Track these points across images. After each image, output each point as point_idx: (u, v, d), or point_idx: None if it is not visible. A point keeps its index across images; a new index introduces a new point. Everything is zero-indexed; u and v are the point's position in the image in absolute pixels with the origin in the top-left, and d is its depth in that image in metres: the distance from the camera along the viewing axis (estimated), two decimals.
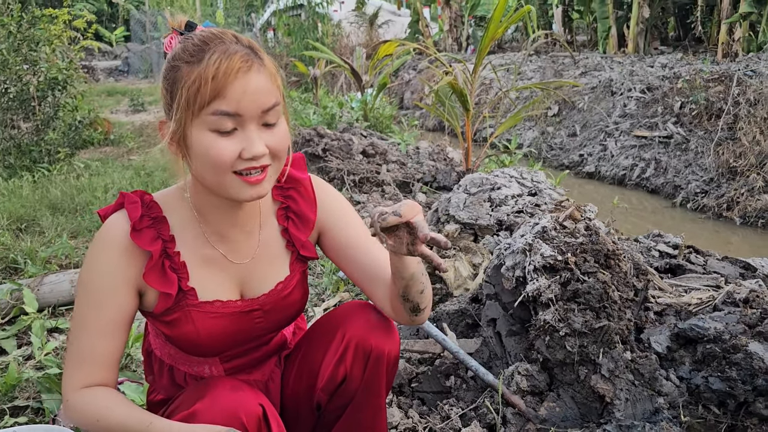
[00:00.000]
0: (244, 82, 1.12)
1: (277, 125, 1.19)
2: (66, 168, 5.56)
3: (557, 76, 10.67)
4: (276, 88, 1.18)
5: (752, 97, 6.92)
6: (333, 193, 1.46)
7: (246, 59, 1.13)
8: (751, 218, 6.05)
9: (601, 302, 1.96)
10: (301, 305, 1.44)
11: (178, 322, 1.28)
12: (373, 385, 1.40)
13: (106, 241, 1.24)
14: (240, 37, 1.18)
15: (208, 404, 1.22)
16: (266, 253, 1.36)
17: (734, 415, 1.84)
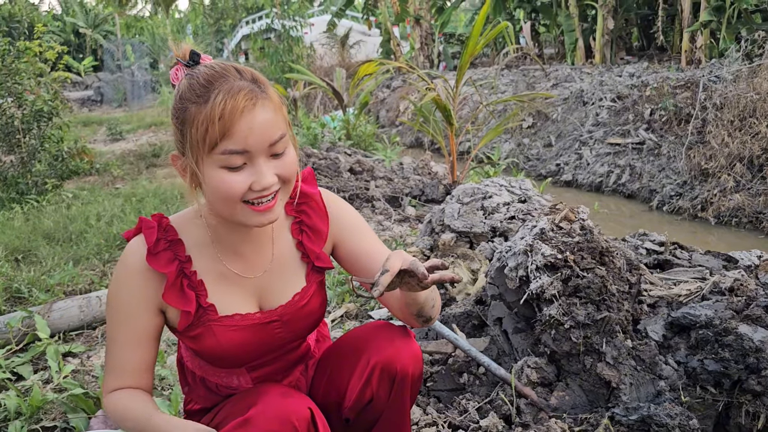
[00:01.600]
0: (249, 119, 1.17)
1: (285, 153, 1.24)
2: (55, 198, 5.59)
3: (529, 88, 10.96)
4: (281, 119, 1.23)
5: (718, 102, 7.21)
6: (344, 206, 1.52)
7: (250, 96, 1.18)
8: (725, 217, 6.29)
9: (600, 295, 2.10)
10: (319, 313, 1.50)
11: (201, 337, 1.37)
12: (398, 404, 1.47)
13: (125, 264, 1.36)
14: (243, 71, 1.23)
15: (261, 410, 1.29)
16: (282, 266, 1.43)
17: (729, 393, 1.98)
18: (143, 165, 7.61)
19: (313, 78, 7.16)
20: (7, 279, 3.56)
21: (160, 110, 13.20)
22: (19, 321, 2.88)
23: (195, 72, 1.23)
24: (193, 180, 1.26)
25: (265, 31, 15.67)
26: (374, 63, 5.53)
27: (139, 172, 7.15)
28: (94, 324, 3.15)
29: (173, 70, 1.28)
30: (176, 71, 1.27)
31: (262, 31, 14.94)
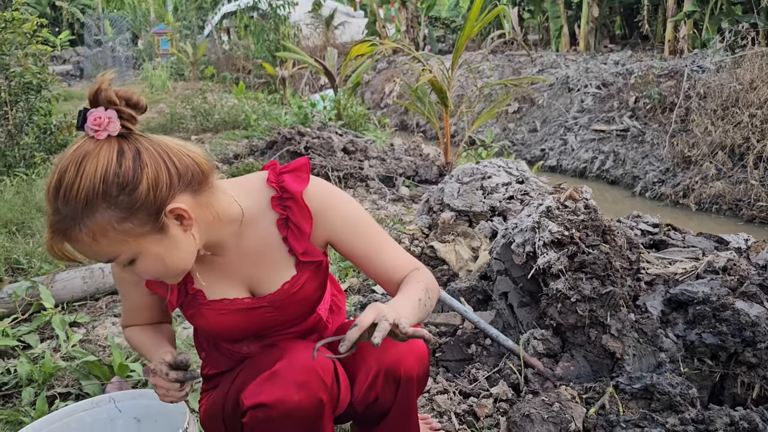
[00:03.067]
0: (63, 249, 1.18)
1: (135, 263, 1.23)
2: (44, 172, 5.53)
3: (515, 74, 11.03)
4: (103, 249, 1.18)
5: (702, 91, 7.36)
6: (333, 205, 1.44)
7: (53, 236, 1.15)
8: (706, 204, 6.46)
9: (605, 271, 2.19)
10: (316, 296, 1.50)
11: (193, 317, 1.44)
12: (405, 402, 1.50)
13: None
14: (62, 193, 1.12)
15: (288, 363, 1.35)
16: (268, 258, 1.42)
17: (725, 365, 2.09)
18: None
19: (305, 57, 7.16)
20: (5, 250, 3.55)
21: (143, 86, 13.05)
22: (23, 291, 2.89)
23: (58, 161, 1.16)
24: None
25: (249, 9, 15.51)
26: (367, 44, 5.54)
27: None
28: (97, 295, 3.17)
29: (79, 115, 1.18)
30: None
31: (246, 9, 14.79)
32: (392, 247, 1.48)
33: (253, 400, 1.31)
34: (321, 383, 1.34)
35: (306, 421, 1.35)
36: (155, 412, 1.47)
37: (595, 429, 1.85)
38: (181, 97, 9.95)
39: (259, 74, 12.46)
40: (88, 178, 1.11)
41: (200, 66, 14.10)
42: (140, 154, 1.16)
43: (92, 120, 1.13)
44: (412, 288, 1.37)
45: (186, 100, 8.70)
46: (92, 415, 1.47)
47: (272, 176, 1.42)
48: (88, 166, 1.12)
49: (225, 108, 8.64)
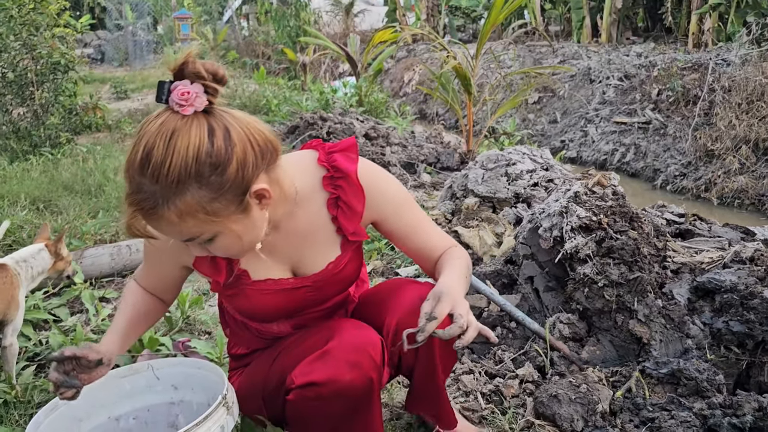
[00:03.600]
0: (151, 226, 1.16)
1: (212, 242, 1.21)
2: (69, 152, 5.61)
3: (536, 64, 10.96)
4: (188, 228, 1.16)
5: (727, 85, 7.28)
6: (383, 184, 1.45)
7: (134, 215, 1.12)
8: (728, 199, 6.41)
9: (633, 257, 2.19)
10: (354, 276, 1.53)
11: (235, 297, 1.44)
12: (428, 367, 1.52)
13: None
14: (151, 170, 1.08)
15: (338, 342, 1.36)
16: (315, 238, 1.43)
17: (752, 353, 2.09)
18: None
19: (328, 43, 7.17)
20: (35, 226, 3.61)
21: (164, 71, 13.11)
22: None
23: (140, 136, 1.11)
24: None
25: None
26: (390, 30, 5.55)
27: None
28: (124, 272, 3.22)
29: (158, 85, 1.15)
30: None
31: None
32: (431, 226, 1.51)
33: (304, 379, 1.32)
34: (372, 362, 1.35)
35: (356, 399, 1.37)
36: (193, 381, 1.50)
37: (621, 411, 1.86)
38: None
39: (279, 60, 12.48)
40: (180, 156, 1.07)
41: (221, 51, 14.15)
42: (229, 133, 1.12)
43: (179, 94, 1.09)
44: (455, 266, 1.41)
45: None
46: (131, 381, 1.50)
47: (322, 155, 1.41)
48: (179, 143, 1.07)
49: (246, 93, 8.67)
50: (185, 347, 2.36)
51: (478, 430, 1.78)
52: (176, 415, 1.52)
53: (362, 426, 1.44)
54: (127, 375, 1.50)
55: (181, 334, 2.56)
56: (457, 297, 1.28)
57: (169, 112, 1.10)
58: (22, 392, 2.04)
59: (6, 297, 2.01)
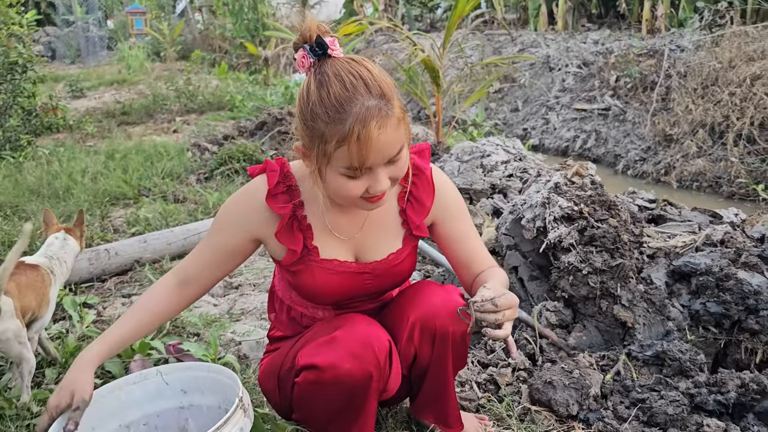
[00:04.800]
0: (377, 145, 1.25)
1: (400, 158, 1.33)
2: (32, 155, 5.47)
3: (496, 53, 11.09)
4: (402, 131, 1.30)
5: (682, 70, 7.50)
6: (450, 187, 1.60)
7: (380, 122, 1.24)
8: (687, 182, 6.62)
9: (614, 244, 2.27)
10: (408, 273, 1.62)
11: (300, 273, 1.51)
12: (441, 361, 1.58)
13: (247, 195, 1.51)
14: (371, 85, 1.26)
15: (347, 332, 1.43)
16: (381, 228, 1.53)
17: (729, 332, 2.20)
18: (113, 123, 7.45)
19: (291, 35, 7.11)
20: (5, 233, 3.53)
21: (120, 67, 12.83)
22: None
23: (324, 78, 1.27)
24: (314, 173, 1.35)
25: None
26: (355, 23, 5.54)
27: (110, 130, 7.01)
28: (103, 276, 3.18)
29: (300, 55, 1.31)
30: (303, 58, 1.31)
31: None
32: (480, 242, 1.61)
33: (307, 360, 1.39)
34: (374, 359, 1.41)
35: (353, 391, 1.43)
36: (203, 384, 1.51)
37: (612, 394, 1.94)
38: (162, 78, 9.83)
39: (239, 54, 12.33)
40: (381, 74, 1.30)
41: (177, 46, 13.90)
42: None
43: (331, 42, 1.29)
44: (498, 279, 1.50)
45: (168, 81, 8.59)
46: (141, 388, 1.50)
47: None
48: (369, 67, 1.29)
49: (209, 89, 8.56)
50: (177, 350, 2.35)
51: (477, 416, 1.84)
52: (186, 419, 1.53)
53: (357, 420, 1.50)
54: (137, 381, 1.50)
55: (170, 338, 2.55)
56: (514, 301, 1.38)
57: (329, 59, 1.29)
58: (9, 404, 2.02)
59: (39, 296, 2.09)
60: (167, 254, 3.32)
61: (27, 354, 2.02)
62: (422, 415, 1.71)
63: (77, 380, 1.40)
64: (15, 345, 1.97)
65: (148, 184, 4.67)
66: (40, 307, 2.10)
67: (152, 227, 3.77)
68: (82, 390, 1.38)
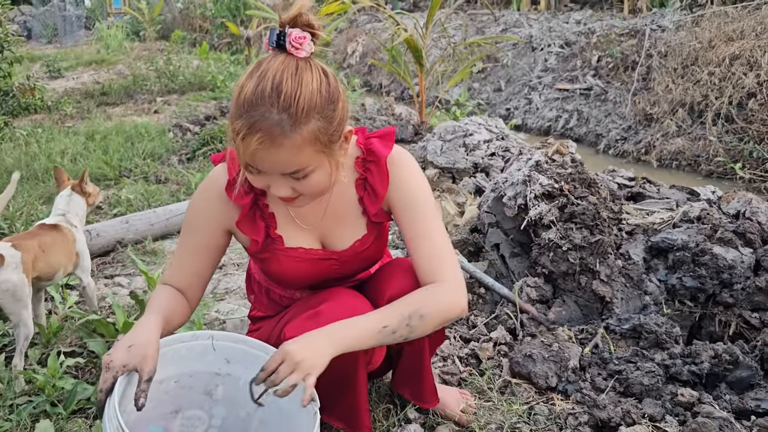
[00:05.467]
0: (260, 157, 1.23)
1: (307, 177, 1.28)
2: (9, 136, 5.40)
3: (479, 33, 11.06)
4: (303, 155, 1.23)
5: (663, 50, 7.55)
6: (407, 176, 1.49)
7: (265, 138, 1.19)
8: (666, 160, 6.69)
9: (594, 221, 2.31)
10: (377, 256, 1.62)
11: (268, 260, 1.53)
12: (417, 345, 1.59)
13: (208, 186, 1.51)
14: (285, 97, 1.19)
15: (332, 305, 1.45)
16: (343, 216, 1.51)
17: (704, 305, 2.25)
18: (93, 103, 7.36)
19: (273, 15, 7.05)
20: None
21: (99, 47, 12.63)
22: None
23: (256, 71, 1.23)
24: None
25: None
26: (337, 3, 5.51)
27: (89, 111, 6.92)
28: None
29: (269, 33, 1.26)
30: (267, 40, 1.27)
31: None
32: (437, 246, 1.45)
33: (294, 333, 1.39)
34: None
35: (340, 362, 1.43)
36: (250, 359, 1.43)
37: (590, 366, 1.98)
38: (143, 58, 9.70)
39: (220, 34, 12.19)
40: (308, 88, 1.21)
41: (156, 26, 13.70)
42: (331, 76, 1.28)
43: (295, 38, 1.22)
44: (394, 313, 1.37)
45: (149, 61, 8.48)
46: (188, 347, 1.44)
47: (361, 138, 1.49)
48: (305, 77, 1.21)
49: (189, 69, 8.46)
50: None
51: (459, 390, 1.87)
52: (216, 385, 1.49)
53: (347, 391, 1.52)
54: (187, 341, 1.44)
55: None
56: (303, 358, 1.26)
57: (284, 54, 1.23)
58: None
59: (67, 252, 2.31)
60: (149, 235, 3.32)
61: (25, 315, 2.09)
62: (400, 389, 1.74)
63: (150, 346, 1.29)
64: (12, 301, 2.05)
65: (129, 165, 4.64)
66: (71, 261, 2.34)
67: (134, 208, 3.75)
68: (153, 358, 1.29)
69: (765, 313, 2.14)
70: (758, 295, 2.14)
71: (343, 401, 1.54)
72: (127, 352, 1.28)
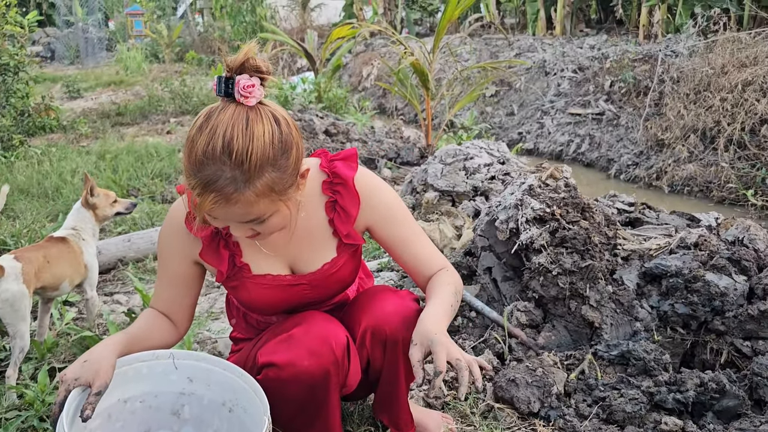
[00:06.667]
0: (217, 212, 1.24)
1: (266, 222, 1.30)
2: (23, 154, 5.51)
3: (493, 57, 11.13)
4: (261, 205, 1.25)
5: (675, 75, 7.53)
6: (380, 193, 1.53)
7: (216, 199, 1.20)
8: (678, 186, 6.64)
9: (584, 246, 2.30)
10: (350, 279, 1.61)
11: (236, 288, 1.53)
12: (392, 367, 1.58)
13: (169, 220, 1.52)
14: (236, 154, 1.18)
15: (305, 330, 1.45)
16: (312, 239, 1.51)
17: (696, 333, 2.22)
18: (108, 123, 7.50)
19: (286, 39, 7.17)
20: None
21: (118, 68, 12.89)
22: None
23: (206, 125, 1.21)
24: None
25: None
26: (348, 26, 5.59)
27: (104, 131, 7.05)
28: None
29: (216, 80, 1.24)
30: (215, 84, 1.25)
31: None
32: (426, 242, 1.57)
33: (266, 359, 1.41)
34: (332, 355, 1.43)
35: (313, 387, 1.45)
36: (213, 378, 1.46)
37: (575, 392, 1.96)
38: (158, 79, 9.87)
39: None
40: (260, 142, 1.19)
41: (175, 48, 13.96)
42: (285, 120, 1.26)
43: (243, 87, 1.20)
44: (444, 293, 1.46)
45: (164, 82, 8.64)
46: (149, 366, 1.47)
47: (324, 162, 1.50)
48: (256, 131, 1.19)
49: (204, 90, 8.60)
50: None
51: (441, 414, 1.86)
52: (182, 405, 1.50)
53: (319, 416, 1.52)
54: (147, 360, 1.46)
55: None
56: (446, 341, 1.31)
57: (233, 104, 1.21)
58: None
59: (73, 263, 2.39)
60: (150, 253, 3.35)
61: (23, 328, 2.14)
62: (379, 414, 1.74)
63: (103, 361, 1.33)
64: (11, 311, 2.10)
65: (137, 184, 4.71)
66: (78, 273, 2.42)
67: (138, 227, 3.80)
68: (106, 372, 1.32)
69: (757, 342, 2.11)
70: (750, 323, 2.11)
71: (317, 425, 1.54)
72: (81, 367, 1.31)
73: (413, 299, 1.57)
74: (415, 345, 1.33)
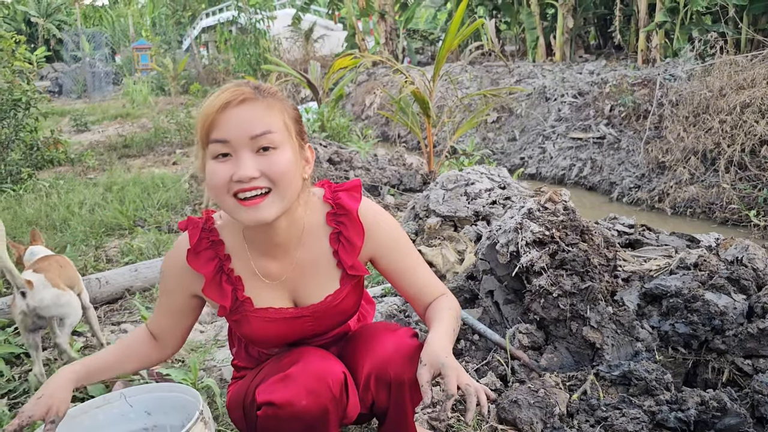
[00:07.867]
0: (234, 112, 1.28)
1: (274, 152, 1.31)
2: (32, 187, 5.59)
3: (494, 84, 11.26)
4: (274, 120, 1.31)
5: (674, 99, 7.61)
6: (383, 224, 1.56)
7: (236, 94, 1.29)
8: (680, 208, 6.67)
9: (584, 267, 2.33)
10: (353, 310, 1.63)
11: (239, 322, 1.55)
12: (399, 407, 1.60)
13: (172, 255, 1.55)
14: (252, 82, 1.37)
15: (301, 368, 1.46)
16: (316, 270, 1.52)
17: (697, 352, 2.24)
18: (115, 156, 7.60)
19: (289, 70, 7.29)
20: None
21: (124, 101, 13.07)
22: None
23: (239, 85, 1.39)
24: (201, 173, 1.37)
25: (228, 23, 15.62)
26: (350, 57, 5.70)
27: (111, 163, 7.15)
28: (94, 305, 3.24)
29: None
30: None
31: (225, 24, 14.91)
32: (426, 269, 1.61)
33: (265, 397, 1.42)
34: (329, 392, 1.44)
35: (312, 424, 1.45)
36: (167, 404, 1.54)
37: (578, 413, 1.98)
38: (164, 111, 10.02)
39: None
40: (275, 89, 1.39)
41: (181, 80, 14.17)
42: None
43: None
44: (446, 318, 1.51)
45: (169, 114, 8.77)
46: (104, 412, 1.53)
47: (328, 194, 1.54)
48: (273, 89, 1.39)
49: None
50: (159, 376, 2.41)
51: None
52: None
53: None
54: (101, 406, 1.53)
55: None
56: (456, 365, 1.36)
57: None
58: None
59: (74, 275, 2.61)
60: (157, 283, 3.40)
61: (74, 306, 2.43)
62: None
63: (55, 395, 1.41)
64: (58, 307, 2.36)
65: (143, 214, 4.77)
66: (78, 281, 2.63)
67: (145, 256, 3.85)
68: (58, 406, 1.39)
69: (758, 360, 2.12)
70: (750, 342, 2.12)
71: None
72: (35, 404, 1.39)
73: (411, 335, 1.58)
74: (424, 366, 1.35)
